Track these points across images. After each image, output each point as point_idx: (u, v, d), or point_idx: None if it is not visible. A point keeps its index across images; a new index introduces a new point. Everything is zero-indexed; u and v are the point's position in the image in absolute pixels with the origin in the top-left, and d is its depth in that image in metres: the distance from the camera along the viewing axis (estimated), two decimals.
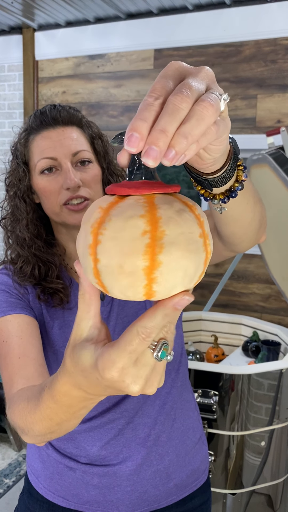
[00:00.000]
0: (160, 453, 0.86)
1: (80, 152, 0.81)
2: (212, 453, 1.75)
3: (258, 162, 2.03)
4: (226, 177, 0.49)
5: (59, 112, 0.83)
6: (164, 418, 0.87)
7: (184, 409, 0.92)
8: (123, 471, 0.84)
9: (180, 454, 0.89)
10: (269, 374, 1.73)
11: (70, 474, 0.85)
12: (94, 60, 2.95)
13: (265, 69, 2.50)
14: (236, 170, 0.50)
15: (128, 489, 0.84)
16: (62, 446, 0.86)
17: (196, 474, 0.92)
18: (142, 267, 0.35)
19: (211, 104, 0.34)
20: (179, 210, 0.37)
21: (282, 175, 1.89)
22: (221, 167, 0.47)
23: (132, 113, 2.86)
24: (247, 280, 2.69)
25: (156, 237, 0.35)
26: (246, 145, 2.56)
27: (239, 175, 0.51)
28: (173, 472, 0.88)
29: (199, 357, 2.16)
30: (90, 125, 0.87)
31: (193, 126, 0.34)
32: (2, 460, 2.52)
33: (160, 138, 0.33)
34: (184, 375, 0.94)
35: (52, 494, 0.87)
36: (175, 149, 0.33)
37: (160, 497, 0.87)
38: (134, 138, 0.33)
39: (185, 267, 0.36)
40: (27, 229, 0.84)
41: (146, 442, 0.85)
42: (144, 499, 0.85)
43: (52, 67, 3.08)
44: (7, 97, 3.27)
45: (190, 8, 2.59)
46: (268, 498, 1.84)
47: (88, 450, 0.84)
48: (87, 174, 0.82)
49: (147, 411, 0.85)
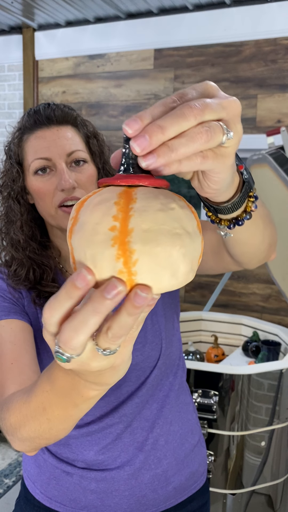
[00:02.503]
0: (158, 457, 0.85)
1: (74, 152, 0.79)
2: (212, 453, 1.75)
3: (258, 162, 2.02)
4: (233, 208, 0.48)
5: (53, 111, 0.80)
6: (162, 421, 0.86)
7: (182, 412, 0.91)
8: (121, 476, 0.82)
9: (179, 457, 0.88)
10: (269, 374, 1.73)
11: (67, 479, 0.84)
12: (94, 60, 2.94)
13: (265, 69, 2.50)
14: (246, 201, 0.49)
15: (126, 494, 0.83)
16: (58, 451, 0.85)
17: (195, 477, 0.91)
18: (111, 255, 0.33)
19: (206, 132, 0.34)
20: (152, 197, 0.35)
21: (282, 175, 1.89)
22: (229, 198, 0.47)
23: (132, 113, 2.86)
24: (247, 280, 2.68)
25: (125, 229, 0.33)
26: (246, 145, 2.56)
27: (248, 205, 0.50)
28: (172, 475, 0.87)
29: (199, 357, 2.16)
30: (86, 124, 0.85)
31: (182, 144, 0.34)
32: (2, 460, 2.52)
33: (155, 132, 0.33)
34: (181, 378, 0.93)
35: (49, 500, 0.85)
36: (158, 157, 0.34)
37: (158, 500, 0.86)
38: (134, 122, 0.34)
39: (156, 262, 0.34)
40: (21, 231, 0.82)
41: (144, 446, 0.84)
42: (143, 503, 0.84)
43: (52, 67, 3.08)
44: (7, 97, 3.27)
45: (190, 8, 2.59)
46: (268, 498, 1.84)
47: (85, 454, 0.83)
48: (82, 175, 0.80)
49: (145, 415, 0.84)
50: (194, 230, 0.36)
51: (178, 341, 0.91)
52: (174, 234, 0.34)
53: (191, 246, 0.35)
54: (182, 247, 0.34)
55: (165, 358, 0.84)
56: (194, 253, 0.36)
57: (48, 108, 0.81)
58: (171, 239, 0.34)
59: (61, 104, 0.85)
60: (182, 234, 0.34)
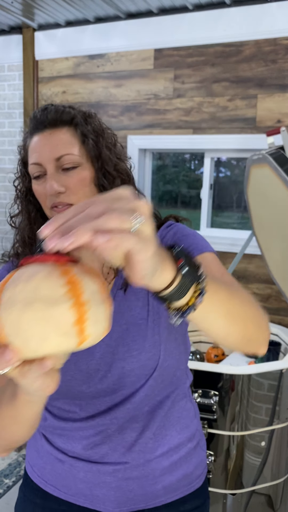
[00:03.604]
0: (146, 459, 0.85)
1: (63, 157, 0.79)
2: (212, 453, 1.75)
3: (258, 162, 2.02)
4: (170, 298, 0.51)
5: (46, 115, 0.81)
6: (155, 426, 0.86)
7: (182, 417, 0.90)
8: (106, 469, 0.84)
9: (172, 460, 0.88)
10: (269, 374, 1.73)
11: (59, 466, 0.87)
12: (94, 60, 2.94)
13: (265, 69, 2.50)
14: (191, 293, 0.52)
15: (113, 486, 0.84)
16: (53, 439, 0.88)
17: (189, 479, 0.90)
18: None
19: (117, 216, 0.41)
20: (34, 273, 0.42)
21: (282, 175, 1.89)
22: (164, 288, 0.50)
23: (132, 113, 2.86)
24: (247, 280, 2.68)
25: None
26: (246, 145, 2.56)
27: (191, 300, 0.52)
28: (161, 475, 0.86)
29: (199, 357, 2.16)
30: (87, 123, 0.84)
31: (80, 220, 0.41)
32: (2, 460, 2.52)
33: (62, 232, 0.41)
34: (184, 385, 0.92)
35: (45, 483, 0.89)
36: (59, 241, 0.41)
37: (147, 497, 0.86)
38: (50, 226, 0.43)
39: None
40: (29, 228, 0.87)
41: (133, 447, 0.84)
42: (130, 498, 0.85)
43: (52, 67, 3.08)
44: (7, 97, 3.26)
45: (190, 8, 2.58)
46: (268, 498, 1.84)
47: (75, 447, 0.85)
48: (71, 179, 0.80)
49: (136, 418, 0.84)
50: (57, 297, 0.40)
51: (181, 354, 0.88)
52: (27, 302, 0.40)
53: (47, 312, 0.40)
54: (35, 312, 0.40)
55: (163, 370, 0.83)
56: (60, 317, 0.40)
57: (44, 112, 0.82)
58: (24, 306, 0.40)
59: (60, 105, 0.85)
60: (36, 302, 0.40)
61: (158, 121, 2.79)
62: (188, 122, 2.71)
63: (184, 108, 2.71)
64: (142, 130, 2.84)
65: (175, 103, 2.74)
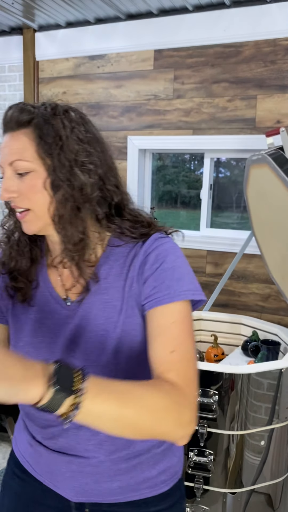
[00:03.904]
0: (101, 460, 0.84)
1: (14, 162, 0.77)
2: (212, 452, 1.76)
3: (258, 162, 2.03)
4: (44, 411, 0.60)
5: (10, 115, 0.78)
6: None
7: None
8: (62, 459, 0.86)
9: (131, 464, 0.86)
10: (269, 374, 1.73)
11: (28, 446, 0.92)
12: (94, 60, 2.95)
13: (264, 69, 2.51)
14: (62, 407, 0.59)
15: (67, 476, 0.86)
16: (27, 421, 0.93)
17: (151, 483, 0.88)
18: None
19: None
20: None
21: (282, 175, 1.90)
22: None
23: (132, 114, 2.87)
24: (246, 280, 2.69)
25: None
26: (245, 145, 2.57)
27: (67, 412, 0.59)
28: (117, 475, 0.85)
29: (199, 356, 2.16)
30: (49, 123, 0.76)
31: None
32: (2, 459, 2.53)
33: None
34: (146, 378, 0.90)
35: (22, 457, 0.95)
36: None
37: (102, 492, 0.86)
38: None
39: None
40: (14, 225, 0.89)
41: (88, 445, 0.84)
42: (86, 490, 0.85)
43: (53, 67, 3.09)
44: (8, 98, 3.27)
45: (190, 8, 2.59)
46: (268, 497, 1.85)
47: (37, 435, 0.90)
48: (24, 184, 0.78)
49: None
50: None
51: None
52: None
53: None
54: None
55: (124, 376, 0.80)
56: None
57: (8, 112, 0.79)
58: None
59: (25, 105, 0.79)
60: None
61: (158, 122, 2.80)
62: (188, 122, 2.72)
63: (184, 108, 2.72)
64: (142, 131, 2.85)
65: (175, 104, 2.75)
